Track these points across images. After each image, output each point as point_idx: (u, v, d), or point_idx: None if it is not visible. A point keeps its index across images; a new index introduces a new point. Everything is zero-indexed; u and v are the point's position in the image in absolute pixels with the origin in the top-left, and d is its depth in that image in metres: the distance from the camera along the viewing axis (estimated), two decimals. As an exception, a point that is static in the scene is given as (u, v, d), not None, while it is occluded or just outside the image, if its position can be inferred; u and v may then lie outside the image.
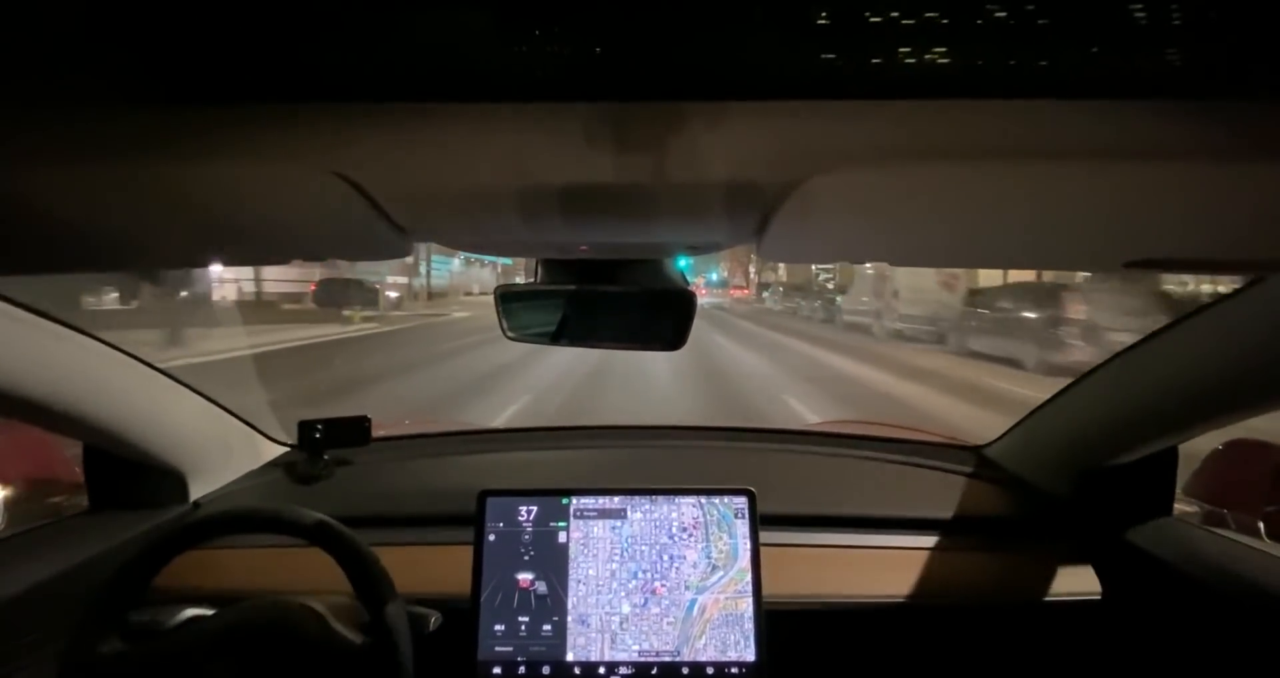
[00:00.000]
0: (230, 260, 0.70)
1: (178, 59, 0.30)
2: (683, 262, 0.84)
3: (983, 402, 6.33)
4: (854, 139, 0.36)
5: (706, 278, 52.55)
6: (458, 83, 0.31)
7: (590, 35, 0.28)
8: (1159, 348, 0.88)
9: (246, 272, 15.69)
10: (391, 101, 0.32)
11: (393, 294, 20.72)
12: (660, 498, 1.00)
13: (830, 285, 24.93)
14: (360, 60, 0.30)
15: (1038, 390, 3.78)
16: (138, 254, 0.63)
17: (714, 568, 0.97)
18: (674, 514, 0.99)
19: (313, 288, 17.31)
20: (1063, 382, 1.13)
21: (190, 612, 0.84)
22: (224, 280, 15.31)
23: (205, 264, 0.73)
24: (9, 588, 0.86)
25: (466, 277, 37.36)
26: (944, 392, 6.97)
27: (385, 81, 0.31)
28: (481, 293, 35.01)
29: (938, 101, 0.31)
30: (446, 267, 33.18)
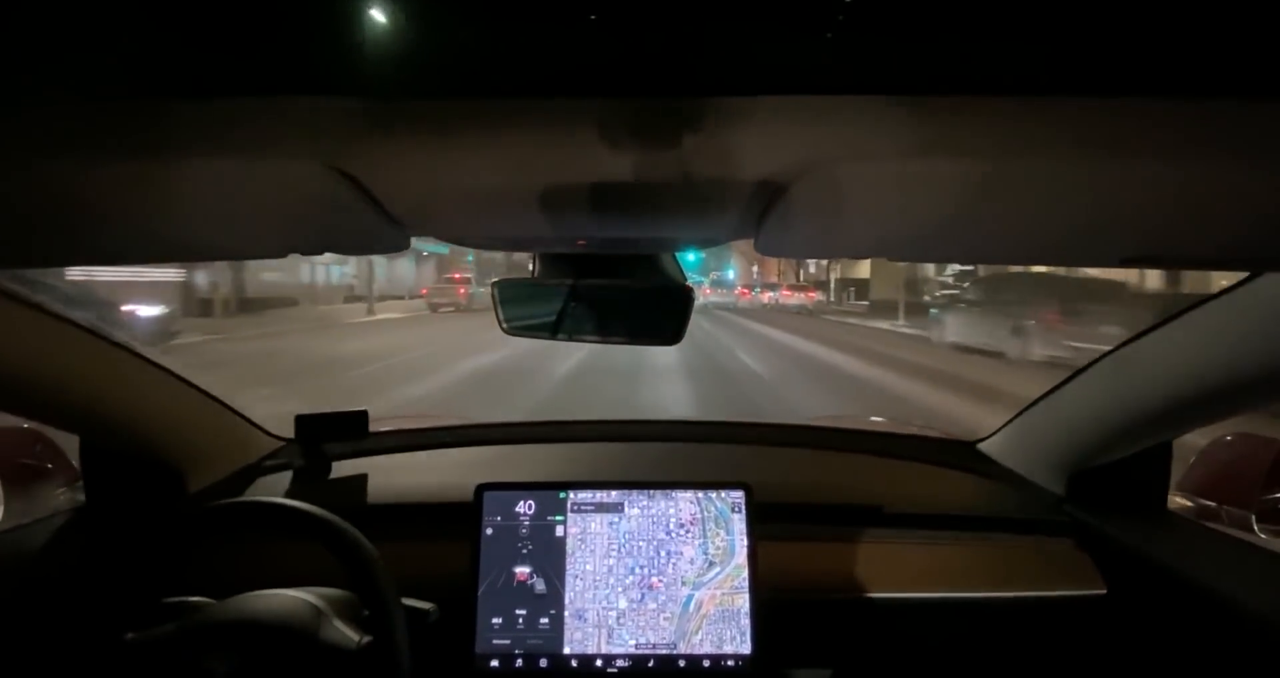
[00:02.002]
0: (224, 255, 0.70)
1: (172, 52, 0.30)
2: (691, 256, 0.84)
3: None
4: (855, 134, 0.35)
5: (720, 274, 39.93)
6: (457, 78, 0.31)
7: (595, 31, 0.28)
8: (1153, 343, 0.88)
9: None
10: (390, 96, 0.32)
11: (148, 312, 9.32)
12: (657, 492, 1.00)
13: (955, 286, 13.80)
14: (359, 54, 0.30)
15: None
16: (133, 248, 0.63)
17: (711, 564, 0.97)
18: (671, 510, 0.99)
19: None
20: None
21: (186, 604, 0.84)
22: None
23: (199, 259, 0.72)
24: (10, 581, 0.86)
25: (365, 267, 20.56)
26: None
27: (384, 76, 0.31)
28: (381, 298, 20.31)
29: (937, 98, 0.31)
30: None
